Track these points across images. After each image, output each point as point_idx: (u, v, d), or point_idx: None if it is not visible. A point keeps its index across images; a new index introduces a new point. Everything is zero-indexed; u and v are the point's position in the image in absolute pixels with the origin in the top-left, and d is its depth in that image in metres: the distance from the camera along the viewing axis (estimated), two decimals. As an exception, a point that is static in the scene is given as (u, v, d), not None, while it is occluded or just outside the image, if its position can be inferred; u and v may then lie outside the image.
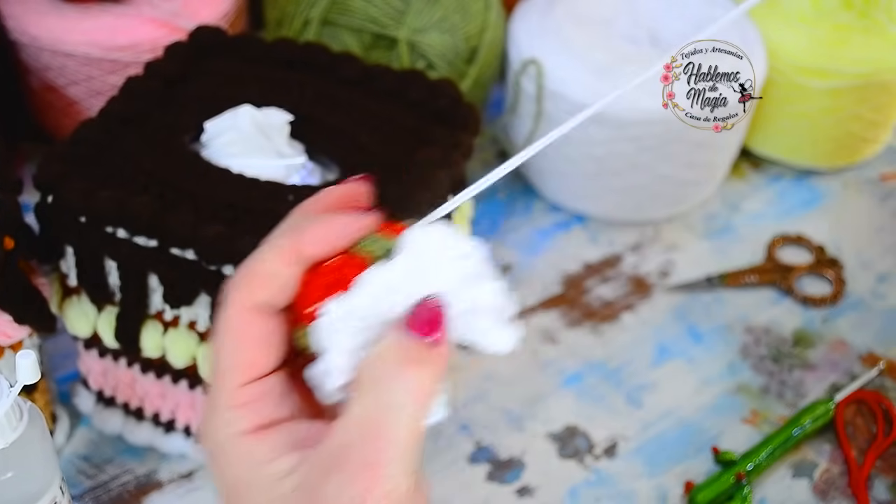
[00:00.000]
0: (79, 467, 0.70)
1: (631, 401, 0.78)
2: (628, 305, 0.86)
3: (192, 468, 0.70)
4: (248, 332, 0.40)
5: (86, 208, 0.60)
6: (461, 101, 0.70)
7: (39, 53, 0.85)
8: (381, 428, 0.38)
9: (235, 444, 0.40)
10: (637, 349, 0.82)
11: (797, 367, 0.81)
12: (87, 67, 0.85)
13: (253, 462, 0.39)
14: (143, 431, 0.70)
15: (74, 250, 0.62)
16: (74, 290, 0.65)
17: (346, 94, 0.70)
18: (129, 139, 0.65)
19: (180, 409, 0.68)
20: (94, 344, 0.67)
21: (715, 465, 0.73)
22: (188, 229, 0.58)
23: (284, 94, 0.69)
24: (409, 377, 0.38)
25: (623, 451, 0.74)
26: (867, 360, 0.82)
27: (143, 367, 0.67)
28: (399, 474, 0.38)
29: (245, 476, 0.39)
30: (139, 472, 0.70)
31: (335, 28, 0.86)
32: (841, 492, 0.73)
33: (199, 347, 0.63)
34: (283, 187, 0.63)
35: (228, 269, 0.59)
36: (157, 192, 0.61)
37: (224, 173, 0.63)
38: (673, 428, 0.76)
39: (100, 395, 0.70)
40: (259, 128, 0.66)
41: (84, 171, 0.62)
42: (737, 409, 0.78)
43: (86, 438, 0.71)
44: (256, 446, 0.39)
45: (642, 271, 0.89)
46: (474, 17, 0.88)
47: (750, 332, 0.84)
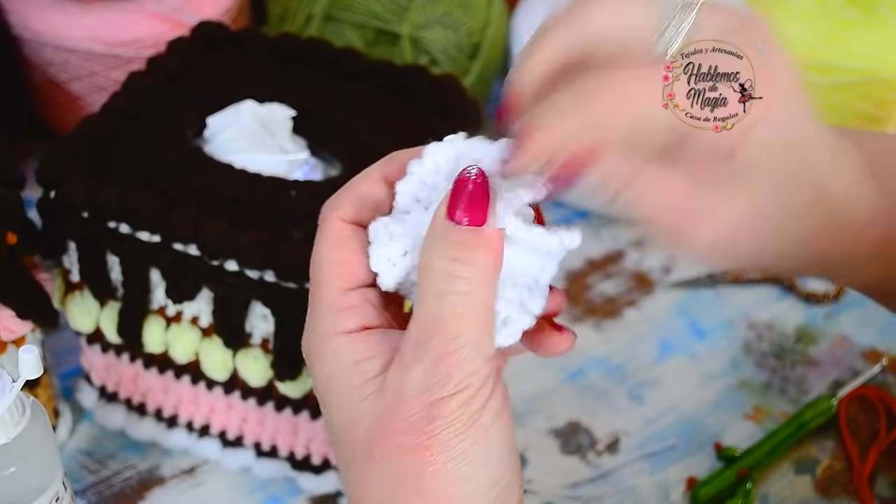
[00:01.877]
0: (81, 462, 0.70)
1: (633, 397, 0.78)
2: (631, 301, 0.86)
3: (194, 463, 0.70)
4: (349, 243, 0.44)
5: (89, 204, 0.60)
6: (464, 96, 0.70)
7: (42, 49, 0.85)
8: (445, 323, 0.40)
9: (336, 341, 0.43)
10: (639, 345, 0.82)
11: (800, 364, 0.81)
12: (89, 63, 0.85)
13: (348, 360, 0.43)
14: (145, 427, 0.70)
15: (77, 246, 0.62)
16: (77, 285, 0.65)
17: (349, 89, 0.70)
18: (132, 135, 0.65)
19: (183, 404, 0.68)
20: (97, 339, 0.67)
21: (717, 461, 0.73)
22: (191, 225, 0.58)
23: (287, 90, 0.69)
24: (460, 272, 0.40)
25: (625, 447, 0.74)
26: (870, 356, 0.82)
27: (146, 363, 0.67)
28: (474, 360, 0.40)
29: (337, 373, 0.43)
30: (141, 467, 0.70)
31: (338, 24, 0.86)
32: (843, 488, 0.73)
33: (201, 343, 0.63)
34: (286, 183, 0.63)
35: (231, 264, 0.59)
36: (159, 188, 0.61)
37: (227, 169, 0.63)
38: (675, 424, 0.76)
39: (102, 391, 0.70)
40: (262, 123, 0.66)
41: (87, 167, 0.62)
42: (739, 406, 0.78)
43: (88, 434, 0.71)
44: (353, 344, 0.43)
45: (645, 267, 0.89)
46: (477, 13, 0.88)
47: (752, 328, 0.84)
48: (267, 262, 0.57)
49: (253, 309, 0.60)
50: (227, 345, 0.62)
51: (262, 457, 0.68)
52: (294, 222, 0.60)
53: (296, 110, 0.67)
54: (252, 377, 0.63)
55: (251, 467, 0.69)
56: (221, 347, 0.62)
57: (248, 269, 0.59)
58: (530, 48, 0.45)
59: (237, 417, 0.67)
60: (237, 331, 0.61)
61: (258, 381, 0.63)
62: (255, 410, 0.66)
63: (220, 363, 0.63)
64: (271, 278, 0.58)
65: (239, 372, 0.63)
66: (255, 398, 0.65)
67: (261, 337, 0.61)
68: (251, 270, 0.59)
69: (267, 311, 0.60)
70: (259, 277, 0.59)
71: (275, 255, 0.57)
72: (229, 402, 0.66)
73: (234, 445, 0.69)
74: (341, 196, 0.45)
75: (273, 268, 0.58)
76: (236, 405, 0.66)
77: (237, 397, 0.66)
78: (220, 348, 0.63)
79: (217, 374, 0.64)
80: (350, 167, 0.65)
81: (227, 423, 0.68)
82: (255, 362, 0.62)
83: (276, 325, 0.60)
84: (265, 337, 0.61)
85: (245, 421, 0.67)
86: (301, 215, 0.60)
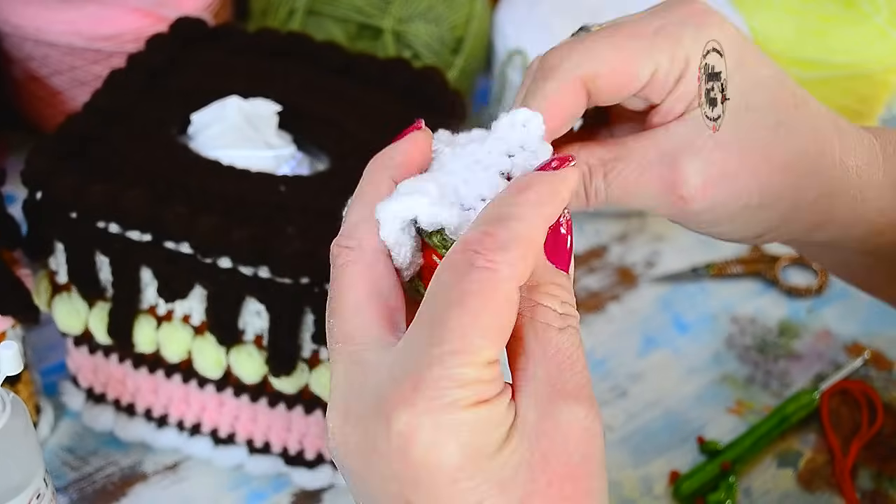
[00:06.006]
0: (63, 459, 0.69)
1: (617, 391, 0.78)
2: (614, 296, 0.86)
3: (177, 460, 0.70)
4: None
5: (77, 204, 0.59)
6: (447, 87, 0.70)
7: (22, 43, 0.85)
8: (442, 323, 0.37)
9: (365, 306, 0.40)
10: (623, 340, 0.82)
11: (782, 357, 0.82)
12: (70, 57, 0.84)
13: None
14: (135, 427, 0.69)
15: (65, 246, 0.62)
16: (64, 286, 0.64)
17: (332, 83, 0.70)
18: (117, 133, 0.64)
19: (173, 403, 0.68)
20: (85, 340, 0.67)
21: (700, 454, 0.74)
22: (183, 222, 0.58)
23: (270, 85, 0.69)
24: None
25: (609, 441, 0.74)
26: (852, 349, 0.83)
27: (136, 363, 0.67)
28: (484, 347, 0.37)
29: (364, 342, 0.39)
30: (124, 463, 0.70)
31: (320, 18, 0.86)
32: (826, 481, 0.73)
33: (194, 341, 0.63)
34: (275, 178, 0.62)
35: (224, 261, 0.58)
36: (147, 186, 0.60)
37: (214, 165, 0.63)
38: (658, 418, 0.76)
39: (90, 392, 0.69)
40: (247, 119, 0.65)
41: (73, 167, 0.61)
42: (722, 399, 0.78)
43: (70, 430, 0.71)
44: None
45: (628, 262, 0.89)
46: (460, 7, 0.88)
47: (735, 322, 0.84)
48: (261, 257, 0.57)
49: (246, 305, 0.60)
50: (221, 342, 0.62)
51: (255, 453, 0.68)
52: (286, 217, 0.60)
53: (280, 105, 0.67)
54: (246, 374, 0.63)
55: (244, 464, 0.68)
56: (214, 345, 0.62)
57: (242, 266, 0.58)
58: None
59: (229, 415, 0.67)
60: (231, 328, 0.61)
61: (252, 378, 0.63)
62: (248, 407, 0.66)
63: (213, 361, 0.63)
64: (265, 274, 0.58)
65: (232, 369, 0.63)
66: (248, 395, 0.65)
67: (254, 333, 0.61)
68: (245, 267, 0.58)
69: (261, 308, 0.60)
70: (253, 273, 0.58)
71: (269, 250, 0.57)
72: (221, 399, 0.66)
73: (225, 443, 0.68)
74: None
75: (267, 263, 0.57)
76: (228, 402, 0.66)
77: (229, 394, 0.66)
78: (213, 346, 0.62)
79: (210, 372, 0.63)
80: (337, 161, 0.65)
81: (218, 421, 0.67)
82: (248, 359, 0.62)
83: (270, 321, 0.60)
84: (258, 333, 0.61)
85: (237, 418, 0.67)
86: (292, 210, 0.60)
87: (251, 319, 0.61)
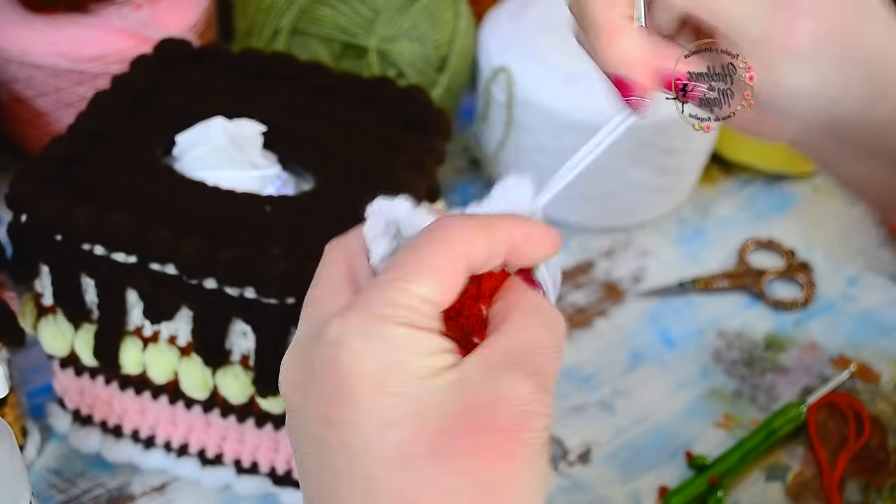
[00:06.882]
0: (50, 481, 0.69)
1: (604, 407, 0.78)
2: (601, 311, 0.86)
3: (164, 481, 0.70)
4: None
5: (62, 226, 0.59)
6: (431, 107, 0.70)
7: (6, 65, 0.85)
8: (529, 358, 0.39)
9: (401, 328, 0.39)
10: (610, 355, 0.82)
11: (769, 371, 0.82)
12: (54, 79, 0.84)
13: (422, 349, 0.38)
14: (122, 449, 0.69)
15: (50, 269, 0.62)
16: (49, 309, 0.64)
17: (316, 103, 0.70)
18: (101, 155, 0.64)
19: (160, 424, 0.67)
20: (71, 362, 0.67)
21: (688, 469, 0.74)
22: (168, 244, 0.58)
23: (254, 105, 0.69)
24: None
25: (597, 457, 0.74)
26: (838, 362, 0.83)
27: (122, 384, 0.67)
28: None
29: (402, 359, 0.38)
30: (111, 485, 0.69)
31: (305, 37, 0.86)
32: (814, 494, 0.73)
33: (180, 362, 0.63)
34: (260, 198, 0.63)
35: (210, 282, 0.58)
36: (133, 208, 0.60)
37: (200, 186, 0.63)
38: (646, 433, 0.76)
39: (76, 414, 0.69)
40: (232, 139, 0.65)
41: (58, 189, 0.61)
42: (710, 414, 0.78)
43: (57, 452, 0.71)
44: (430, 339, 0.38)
45: (615, 277, 0.89)
46: (444, 26, 0.88)
47: (722, 336, 0.85)
48: (247, 278, 0.57)
49: (232, 326, 0.60)
50: (207, 363, 0.62)
51: (243, 474, 0.68)
52: (271, 238, 0.60)
53: (264, 125, 0.67)
54: (232, 395, 0.63)
55: (231, 485, 0.68)
56: (201, 366, 0.62)
57: (228, 287, 0.58)
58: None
59: (216, 435, 0.67)
60: (217, 349, 0.61)
61: (239, 399, 0.63)
62: (235, 428, 0.66)
63: (199, 382, 0.63)
64: (251, 295, 0.58)
65: (219, 390, 0.63)
66: (235, 415, 0.65)
67: (240, 354, 0.61)
68: (230, 288, 0.58)
69: (247, 328, 0.60)
70: (239, 294, 0.58)
71: (255, 271, 0.57)
72: (208, 420, 0.66)
73: (213, 464, 0.68)
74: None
75: (253, 284, 0.57)
76: (215, 423, 0.66)
77: (216, 415, 0.66)
78: (199, 367, 0.62)
79: (196, 393, 0.63)
80: (322, 180, 0.65)
81: (206, 442, 0.67)
82: (235, 380, 0.62)
83: (257, 341, 0.60)
84: (245, 353, 0.61)
85: (224, 439, 0.67)
86: (278, 231, 0.60)
87: (237, 340, 0.61)
